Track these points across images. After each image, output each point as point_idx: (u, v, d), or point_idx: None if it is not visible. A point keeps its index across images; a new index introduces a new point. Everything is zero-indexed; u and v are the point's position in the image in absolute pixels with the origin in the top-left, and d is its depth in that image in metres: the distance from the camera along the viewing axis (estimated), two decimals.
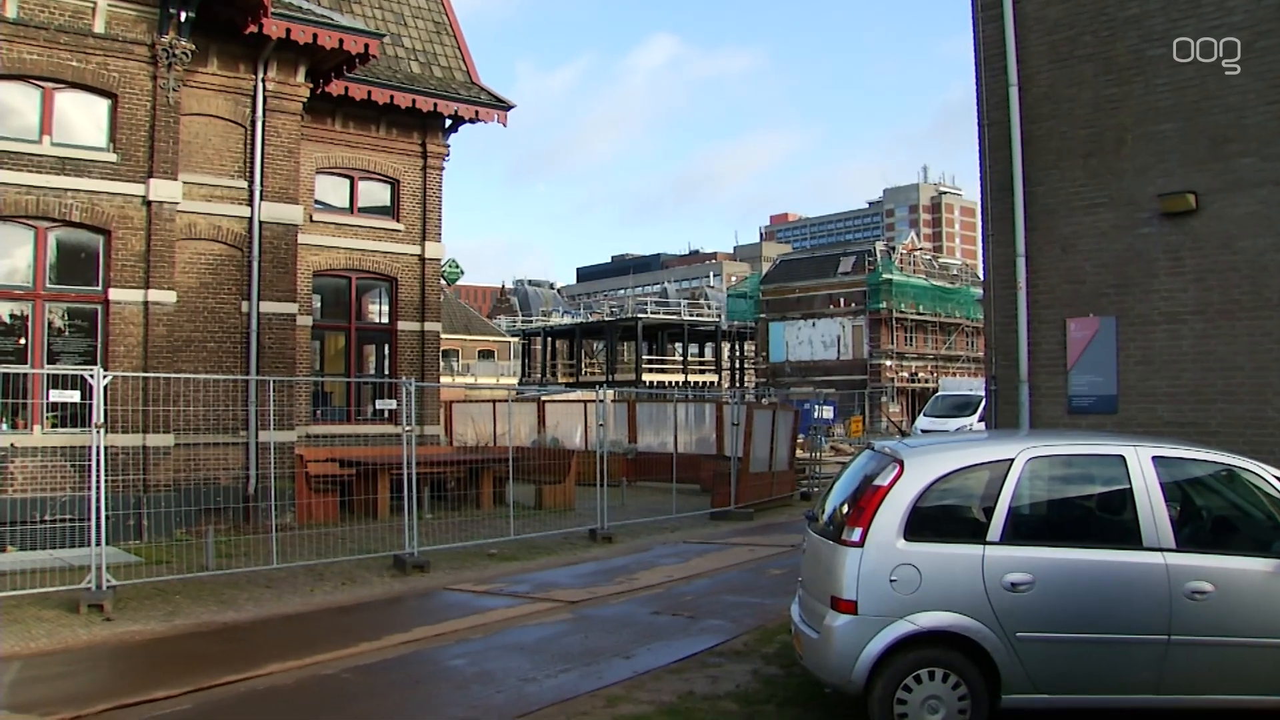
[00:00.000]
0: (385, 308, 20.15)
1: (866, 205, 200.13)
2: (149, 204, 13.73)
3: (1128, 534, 6.00)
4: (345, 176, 19.56)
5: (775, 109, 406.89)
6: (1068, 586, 5.88)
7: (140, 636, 8.93)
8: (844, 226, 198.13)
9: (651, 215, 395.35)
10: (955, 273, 69.86)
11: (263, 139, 15.19)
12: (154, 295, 13.66)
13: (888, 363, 60.67)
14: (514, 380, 70.91)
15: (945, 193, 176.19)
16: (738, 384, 75.76)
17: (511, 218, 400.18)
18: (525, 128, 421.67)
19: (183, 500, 13.60)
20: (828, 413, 31.91)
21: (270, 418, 13.77)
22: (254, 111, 15.16)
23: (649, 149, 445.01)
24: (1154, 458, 6.16)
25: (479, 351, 76.26)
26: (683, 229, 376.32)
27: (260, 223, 15.10)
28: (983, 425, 23.17)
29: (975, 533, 6.04)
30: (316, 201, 19.05)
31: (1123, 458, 6.17)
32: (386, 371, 20.04)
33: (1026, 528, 6.07)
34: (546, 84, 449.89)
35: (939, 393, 38.10)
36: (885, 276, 60.40)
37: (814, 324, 63.92)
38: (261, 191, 15.13)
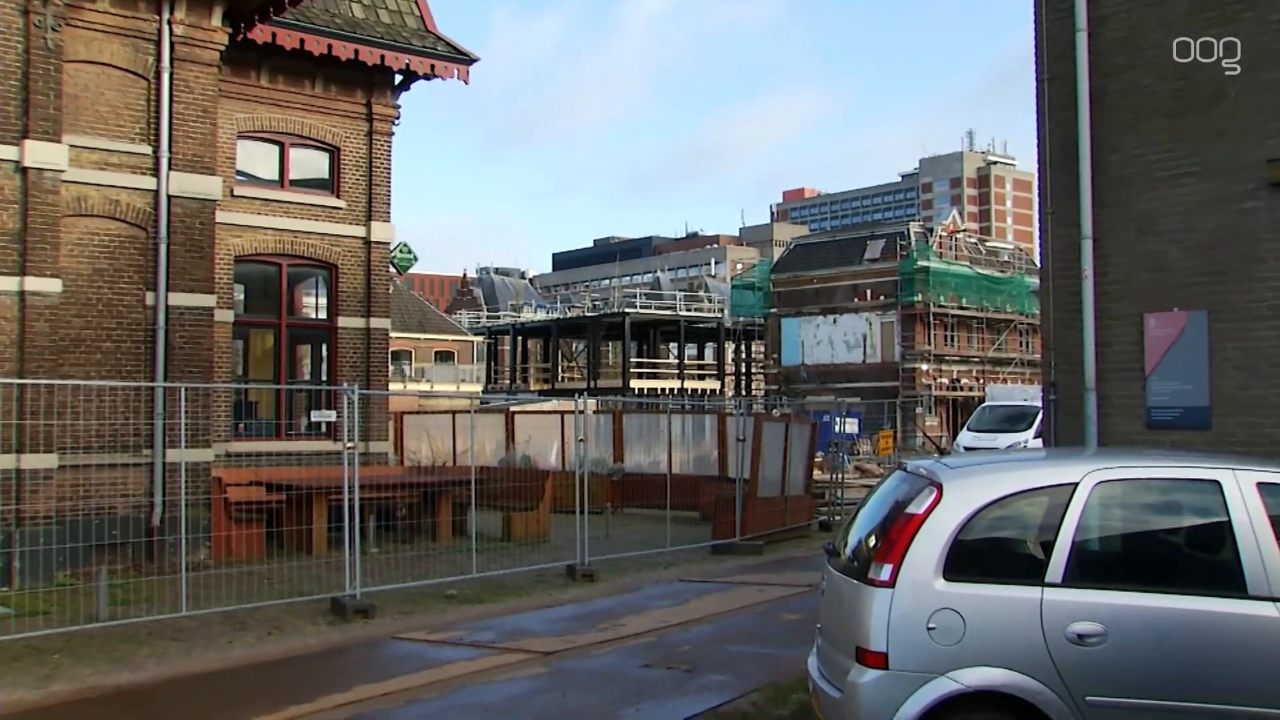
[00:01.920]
0: (323, 300, 20.18)
1: (899, 179, 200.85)
2: (24, 171, 13.54)
3: (1226, 577, 5.90)
4: (274, 142, 19.49)
5: (795, 67, 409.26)
6: (1151, 641, 5.79)
7: (2, 711, 8.71)
8: (872, 204, 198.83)
9: (645, 193, 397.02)
10: (1006, 259, 70.15)
11: (170, 95, 15.04)
12: (32, 284, 13.49)
13: (924, 367, 60.89)
14: (477, 387, 70.97)
15: (995, 162, 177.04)
16: (744, 392, 75.94)
17: (479, 196, 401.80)
18: (500, 89, 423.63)
19: (68, 535, 13.36)
20: (851, 426, 31.74)
21: (181, 433, 13.62)
22: (159, 61, 15.00)
23: (646, 115, 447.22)
24: (1259, 484, 6.06)
25: (436, 353, 76.19)
26: (680, 209, 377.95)
27: (169, 197, 14.98)
28: (1039, 442, 23.24)
29: (1032, 572, 5.99)
30: (239, 173, 18.97)
31: (1218, 483, 6.08)
32: (324, 377, 20.08)
33: (1095, 567, 6.01)
34: (527, 36, 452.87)
35: (986, 403, 38.15)
36: (921, 263, 60.69)
37: (835, 320, 64.11)
38: (170, 159, 15.01)
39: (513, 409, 29.19)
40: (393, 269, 27.11)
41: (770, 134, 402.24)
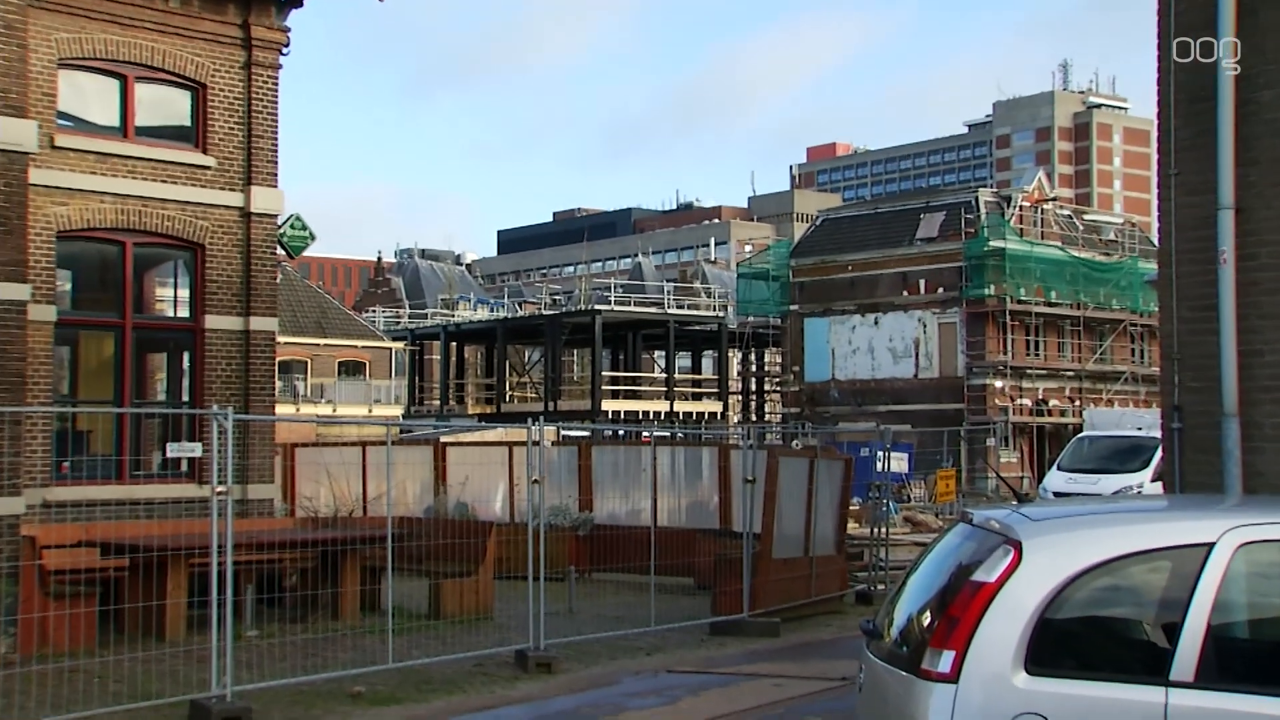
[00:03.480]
0: (184, 293, 20.14)
1: (964, 130, 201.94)
2: None
3: None
4: (113, 75, 19.38)
5: None
6: None
7: None
8: (928, 164, 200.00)
9: (623, 152, 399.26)
10: (1112, 237, 70.57)
11: None
12: None
13: (997, 383, 61.05)
14: (397, 410, 70.81)
15: (1098, 106, 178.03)
16: (754, 417, 75.89)
17: (401, 154, 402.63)
18: (431, 10, 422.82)
19: None
20: (899, 464, 31.66)
21: None
22: None
23: (626, 49, 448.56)
24: None
25: (340, 364, 76.00)
26: (669, 172, 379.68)
27: None
28: (1158, 486, 23.22)
29: (1150, 666, 5.97)
30: (61, 115, 18.79)
31: None
32: (186, 397, 20.02)
33: (1240, 661, 6.00)
34: None
35: (1084, 433, 38.24)
36: (995, 244, 60.93)
37: (876, 321, 64.31)
38: None
39: (444, 439, 28.97)
40: (281, 251, 26.88)
41: (791, 73, 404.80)
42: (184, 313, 20.01)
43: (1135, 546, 6.17)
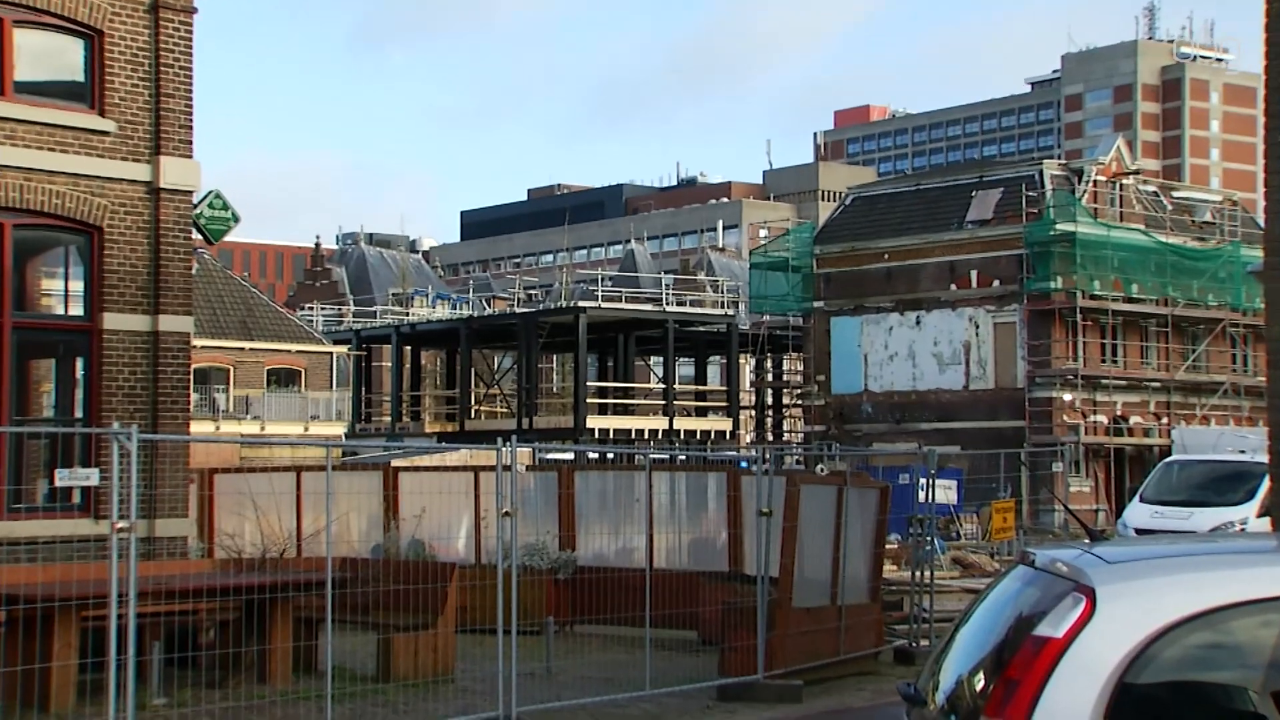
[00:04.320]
0: (77, 285, 20.20)
1: (1027, 89, 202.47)
2: None
3: None
4: None
5: None
6: None
7: None
8: (981, 130, 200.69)
9: (614, 119, 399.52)
10: (1209, 217, 70.56)
11: None
12: None
13: (1066, 396, 61.15)
14: (339, 428, 70.82)
15: (1192, 58, 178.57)
16: (770, 436, 75.86)
17: (344, 121, 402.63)
18: None
19: None
20: (946, 493, 31.49)
21: None
22: None
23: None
24: None
25: (270, 372, 76.01)
26: (668, 143, 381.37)
27: None
28: (1266, 523, 23.17)
29: None
30: None
31: None
32: (80, 412, 20.05)
33: None
34: None
35: (1173, 457, 38.21)
36: (1063, 226, 61.11)
37: (918, 320, 64.44)
38: None
39: (397, 463, 28.98)
40: (198, 235, 26.77)
41: (817, 22, 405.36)
42: (77, 310, 19.99)
43: (1239, 595, 6.13)
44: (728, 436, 71.62)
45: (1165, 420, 62.53)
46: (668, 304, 73.27)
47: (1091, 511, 54.92)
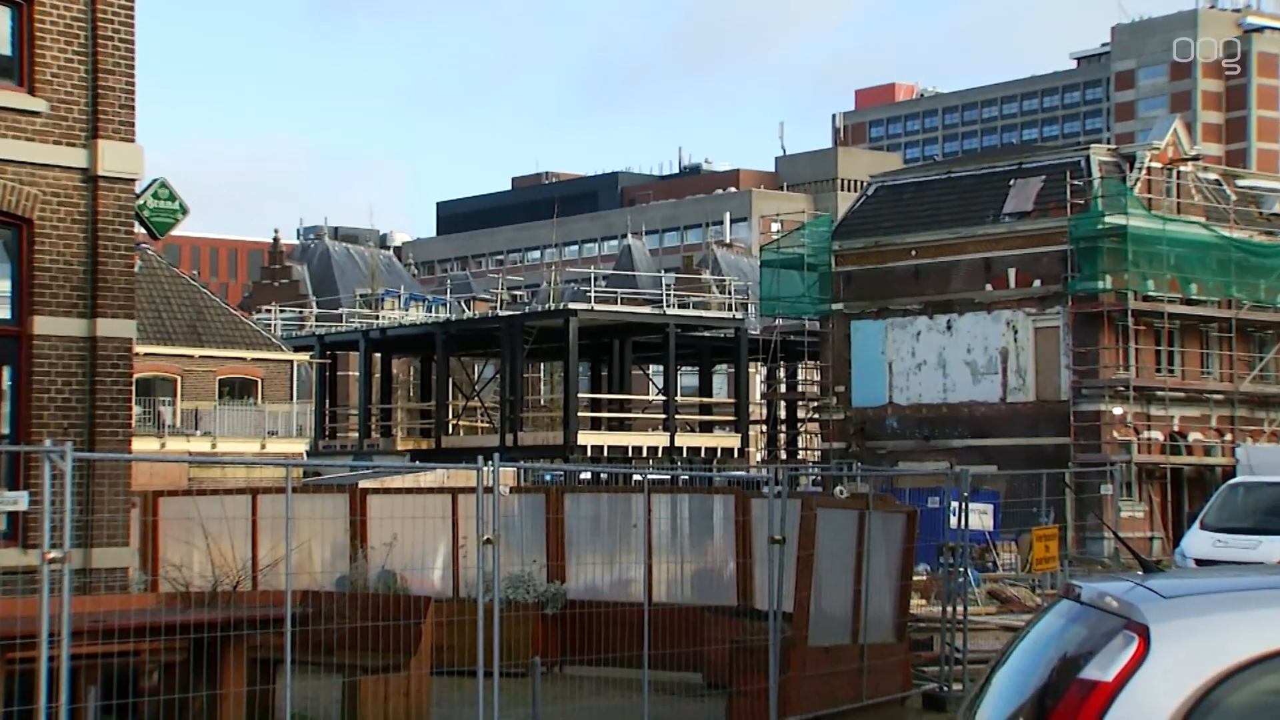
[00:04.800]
0: (3, 285, 20.17)
1: (1072, 65, 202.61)
2: None
3: None
4: None
5: None
6: None
7: None
8: (1020, 112, 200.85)
9: (609, 101, 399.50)
10: (1277, 209, 70.43)
11: None
12: None
13: (1116, 410, 61.12)
14: (300, 445, 70.80)
15: (1259, 29, 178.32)
16: (784, 454, 75.76)
17: (307, 102, 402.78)
18: None
19: None
20: (981, 518, 31.42)
21: None
22: None
23: None
24: None
25: (222, 382, 76.03)
26: (669, 127, 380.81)
27: None
28: None
29: None
30: None
31: None
32: (6, 428, 20.05)
33: None
34: None
35: (1237, 479, 38.18)
36: (1113, 219, 61.13)
37: (949, 325, 64.48)
38: None
39: (365, 485, 28.94)
40: (141, 229, 26.79)
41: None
42: (3, 313, 19.94)
43: None
44: (736, 455, 71.65)
45: (1229, 437, 62.48)
46: (668, 306, 73.28)
47: (1145, 540, 54.96)
